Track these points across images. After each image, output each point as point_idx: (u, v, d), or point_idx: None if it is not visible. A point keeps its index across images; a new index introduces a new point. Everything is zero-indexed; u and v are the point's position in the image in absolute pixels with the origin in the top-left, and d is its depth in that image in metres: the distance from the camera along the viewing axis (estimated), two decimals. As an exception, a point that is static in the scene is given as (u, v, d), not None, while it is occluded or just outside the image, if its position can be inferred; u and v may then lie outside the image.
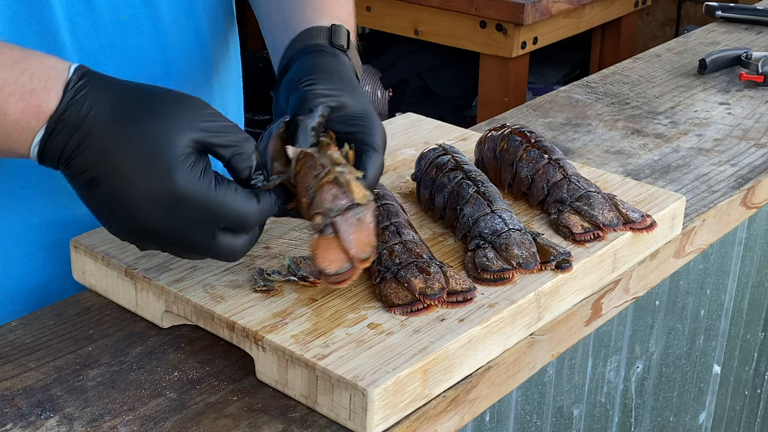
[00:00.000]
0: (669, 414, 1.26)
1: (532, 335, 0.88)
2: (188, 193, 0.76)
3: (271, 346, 0.79)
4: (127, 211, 0.78)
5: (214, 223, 0.78)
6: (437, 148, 1.03)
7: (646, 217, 0.98)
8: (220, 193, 0.77)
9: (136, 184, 0.76)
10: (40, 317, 0.89)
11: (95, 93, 0.77)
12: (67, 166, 0.78)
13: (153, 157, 0.76)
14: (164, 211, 0.77)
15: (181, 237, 0.79)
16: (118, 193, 0.77)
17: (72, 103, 0.76)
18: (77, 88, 0.77)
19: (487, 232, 0.91)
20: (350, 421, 0.76)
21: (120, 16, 0.98)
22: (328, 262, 0.80)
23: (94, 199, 0.79)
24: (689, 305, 1.21)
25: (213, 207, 0.77)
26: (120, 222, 0.79)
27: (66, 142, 0.76)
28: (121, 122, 0.77)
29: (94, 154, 0.76)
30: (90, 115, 0.76)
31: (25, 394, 0.79)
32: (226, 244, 0.80)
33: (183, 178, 0.76)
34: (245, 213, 0.79)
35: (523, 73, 2.83)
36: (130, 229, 0.79)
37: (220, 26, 1.12)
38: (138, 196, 0.77)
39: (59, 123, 0.76)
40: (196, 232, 0.78)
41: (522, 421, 0.98)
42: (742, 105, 1.42)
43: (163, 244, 0.81)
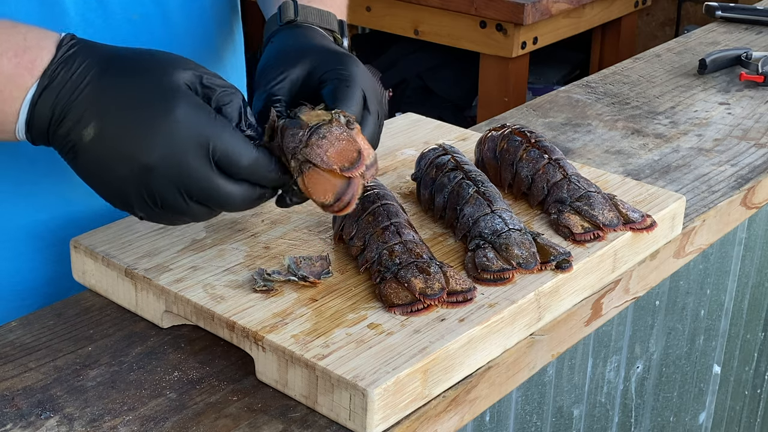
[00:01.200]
0: (669, 414, 1.26)
1: (532, 335, 0.88)
2: (185, 117, 0.76)
3: (271, 346, 0.79)
4: (127, 150, 0.76)
5: (208, 152, 0.77)
6: (437, 148, 1.03)
7: (646, 217, 0.98)
8: (219, 123, 0.77)
9: (132, 120, 0.76)
10: (40, 317, 0.89)
11: (87, 49, 0.79)
12: (58, 125, 0.77)
13: (149, 92, 0.76)
14: (160, 140, 0.76)
15: (176, 171, 0.77)
16: (114, 135, 0.76)
17: (64, 60, 0.77)
18: (69, 45, 0.78)
19: (487, 232, 0.91)
20: (350, 421, 0.76)
21: (132, 16, 0.99)
22: (322, 193, 0.79)
23: (89, 152, 0.77)
24: (689, 305, 1.21)
25: (208, 134, 0.77)
26: (116, 172, 0.77)
27: (56, 98, 0.76)
28: (114, 70, 0.78)
29: (91, 99, 0.76)
30: (82, 67, 0.77)
31: (25, 394, 0.79)
32: (224, 187, 0.79)
33: (181, 103, 0.76)
34: (239, 150, 0.78)
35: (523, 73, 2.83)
36: (127, 177, 0.77)
37: (226, 23, 1.13)
38: (135, 129, 0.76)
39: (52, 77, 0.77)
40: (192, 164, 0.77)
41: (522, 421, 0.98)
42: (742, 105, 1.42)
43: (159, 189, 0.78)
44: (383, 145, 1.16)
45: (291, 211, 0.99)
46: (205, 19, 1.07)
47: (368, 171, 0.80)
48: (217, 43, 1.10)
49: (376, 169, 0.81)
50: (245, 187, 0.80)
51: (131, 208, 0.81)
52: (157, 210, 0.80)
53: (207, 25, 1.08)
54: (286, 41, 0.92)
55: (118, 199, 0.80)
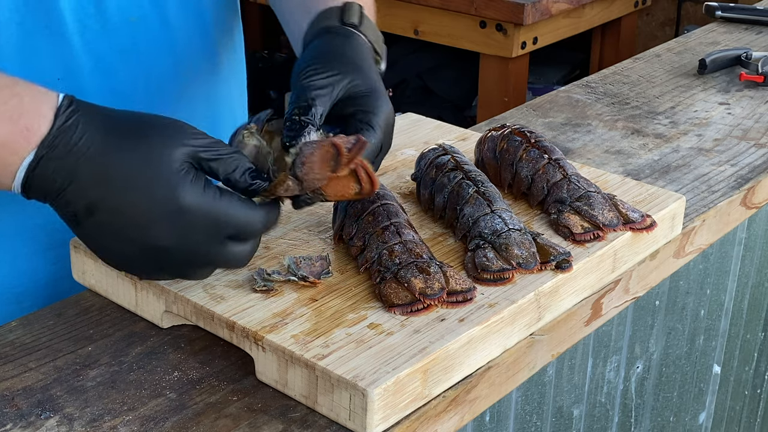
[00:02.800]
0: (669, 414, 1.26)
1: (532, 335, 0.88)
2: (194, 205, 0.76)
3: (271, 346, 0.79)
4: (131, 232, 0.77)
5: (220, 232, 0.78)
6: (437, 148, 1.03)
7: (646, 217, 0.98)
8: (225, 202, 0.78)
9: (140, 203, 0.76)
10: (40, 317, 0.89)
11: (86, 118, 0.76)
12: (59, 194, 0.76)
13: (154, 174, 0.76)
14: (170, 226, 0.77)
15: (187, 250, 0.79)
16: (121, 215, 0.76)
17: (64, 128, 0.75)
18: (69, 113, 0.76)
19: (487, 232, 0.91)
20: (350, 421, 0.76)
21: (130, 18, 0.99)
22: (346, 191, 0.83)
23: (93, 225, 0.78)
24: (689, 305, 1.21)
25: (219, 216, 0.77)
26: (122, 246, 0.79)
27: (57, 168, 0.75)
28: (116, 145, 0.76)
29: (92, 178, 0.75)
30: (83, 140, 0.75)
31: (25, 394, 0.79)
32: (234, 251, 0.80)
33: (187, 190, 0.76)
34: (251, 220, 0.79)
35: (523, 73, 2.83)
36: (133, 252, 0.79)
37: (225, 23, 1.12)
38: (143, 214, 0.76)
39: (51, 148, 0.75)
40: (203, 244, 0.78)
41: (522, 421, 0.98)
42: (742, 105, 1.42)
43: (167, 264, 0.80)
44: (383, 145, 1.16)
45: (291, 211, 0.99)
46: (203, 21, 1.07)
47: (357, 149, 0.81)
48: (216, 44, 1.10)
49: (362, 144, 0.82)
50: (255, 240, 0.83)
51: (132, 273, 0.84)
52: (162, 276, 0.84)
53: (206, 27, 1.07)
54: (343, 46, 0.90)
55: (119, 267, 0.83)
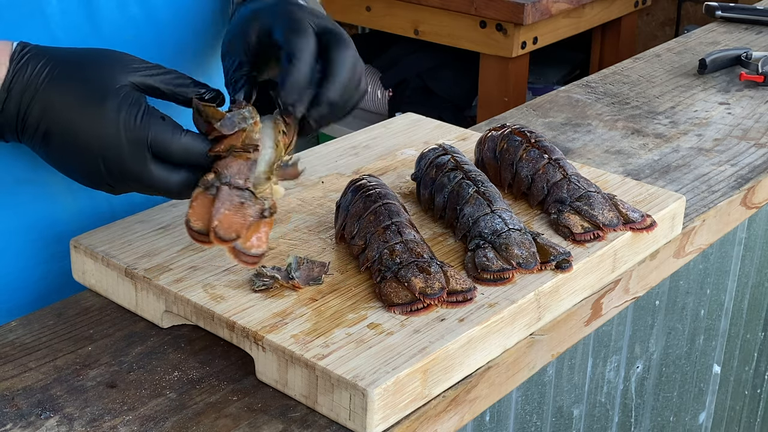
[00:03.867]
0: (669, 414, 1.26)
1: (532, 335, 0.88)
2: (115, 115, 0.81)
3: (271, 346, 0.79)
4: (76, 147, 0.82)
5: (140, 146, 0.82)
6: (437, 148, 1.03)
7: (646, 217, 0.98)
8: (149, 115, 0.82)
9: (78, 122, 0.82)
10: (40, 317, 0.89)
11: (37, 57, 0.83)
12: (23, 130, 0.83)
13: (88, 94, 0.82)
14: (102, 138, 0.81)
15: (119, 164, 0.82)
16: (66, 135, 0.82)
17: (18, 69, 0.82)
18: (20, 56, 0.83)
19: (487, 232, 0.91)
20: (350, 421, 0.76)
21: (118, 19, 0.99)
22: (196, 216, 0.82)
23: (53, 152, 0.84)
24: (689, 305, 1.21)
25: (141, 127, 0.82)
26: (77, 164, 0.83)
27: (18, 105, 0.82)
28: (61, 74, 0.83)
29: (42, 107, 0.82)
30: (33, 75, 0.82)
31: (25, 394, 0.79)
32: (159, 175, 0.83)
33: (111, 103, 0.81)
34: (168, 137, 0.82)
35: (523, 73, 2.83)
36: (85, 170, 0.83)
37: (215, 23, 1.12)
38: (80, 131, 0.82)
39: (9, 91, 0.82)
40: (129, 157, 0.82)
41: (522, 421, 0.98)
42: (742, 105, 1.42)
43: (114, 177, 0.83)
44: (383, 144, 1.17)
45: (291, 210, 0.99)
46: (192, 20, 1.06)
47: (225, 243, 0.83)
48: (205, 43, 1.10)
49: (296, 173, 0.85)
50: (183, 173, 0.84)
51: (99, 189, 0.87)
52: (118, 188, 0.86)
53: (195, 26, 1.07)
54: (242, 11, 0.94)
55: (87, 183, 0.86)
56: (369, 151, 1.15)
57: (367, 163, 1.12)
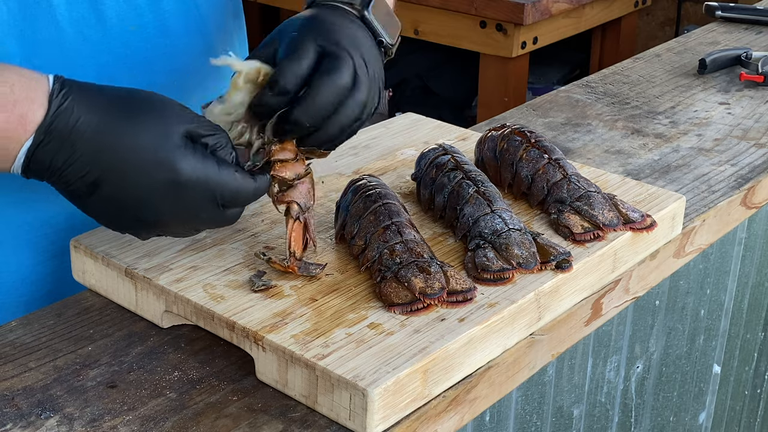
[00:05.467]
0: (669, 414, 1.26)
1: (532, 335, 0.88)
2: (194, 176, 0.79)
3: (271, 346, 0.79)
4: (134, 205, 0.80)
5: (216, 200, 0.81)
6: (437, 148, 1.03)
7: (646, 217, 0.98)
8: (224, 173, 0.81)
9: (141, 178, 0.78)
10: (40, 317, 0.89)
11: (81, 100, 0.78)
12: (60, 174, 0.79)
13: (154, 149, 0.78)
14: (171, 199, 0.79)
15: (186, 218, 0.82)
16: (122, 190, 0.79)
17: (59, 113, 0.77)
18: (62, 97, 0.77)
19: (487, 232, 0.91)
20: (350, 421, 0.76)
21: (130, 27, 0.99)
22: (299, 246, 0.88)
23: (97, 201, 0.80)
24: (689, 305, 1.21)
25: (217, 186, 0.80)
26: (126, 218, 0.82)
27: (57, 151, 0.77)
28: (114, 124, 0.78)
29: (92, 158, 0.77)
30: (80, 122, 0.77)
31: (25, 394, 0.79)
32: (226, 216, 0.84)
33: (187, 163, 0.79)
34: (245, 190, 0.82)
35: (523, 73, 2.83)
36: (137, 223, 0.82)
37: (227, 28, 1.12)
38: (144, 189, 0.79)
39: (48, 133, 0.77)
40: (202, 212, 0.81)
41: (522, 421, 0.98)
42: (742, 105, 1.42)
43: (167, 229, 0.84)
44: (383, 144, 1.16)
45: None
46: (204, 27, 1.06)
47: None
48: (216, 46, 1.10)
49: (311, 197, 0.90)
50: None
51: (137, 236, 0.86)
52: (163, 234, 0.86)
53: (206, 33, 1.07)
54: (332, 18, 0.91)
55: (125, 232, 0.85)
56: (369, 151, 1.15)
57: (367, 163, 1.12)
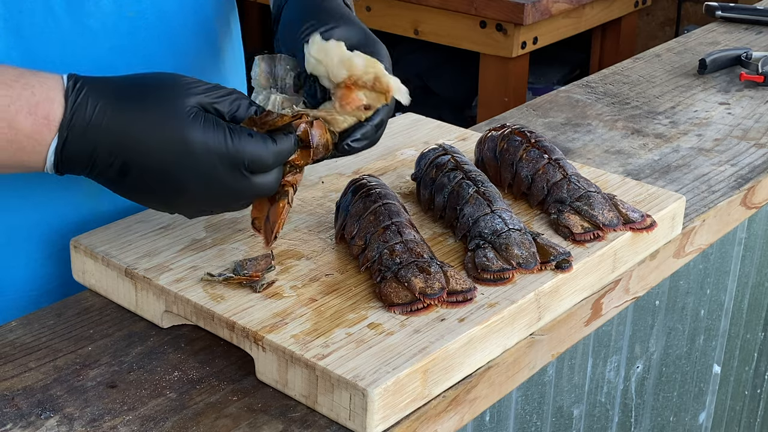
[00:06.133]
0: (669, 414, 1.26)
1: (532, 335, 0.88)
2: (206, 146, 0.80)
3: (271, 346, 0.79)
4: (165, 182, 0.81)
5: (238, 167, 0.81)
6: (437, 148, 1.03)
7: (646, 217, 0.98)
8: (236, 139, 0.81)
9: (161, 156, 0.80)
10: (40, 317, 0.89)
11: (94, 92, 0.81)
12: (92, 166, 0.81)
13: (167, 127, 0.80)
14: (193, 170, 0.80)
15: (215, 189, 0.82)
16: (149, 170, 0.81)
17: (77, 108, 0.80)
18: (76, 92, 0.80)
19: (487, 232, 0.91)
20: (350, 421, 0.76)
21: (128, 13, 0.99)
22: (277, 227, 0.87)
23: (131, 184, 0.82)
24: (689, 305, 1.21)
25: (231, 152, 0.81)
26: (165, 197, 0.83)
27: (81, 145, 0.80)
28: (128, 109, 0.80)
29: (115, 144, 0.80)
30: (96, 112, 0.80)
31: (25, 394, 0.79)
32: (258, 183, 0.83)
33: (196, 133, 0.80)
34: (263, 154, 0.82)
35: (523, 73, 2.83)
36: (177, 201, 0.83)
37: (224, 17, 1.12)
38: (167, 165, 0.80)
39: (71, 129, 0.79)
40: (227, 181, 0.82)
41: (522, 421, 0.98)
42: (742, 105, 1.42)
43: (204, 203, 0.84)
44: (383, 144, 1.16)
45: (291, 211, 0.99)
46: (202, 13, 1.06)
47: None
48: (215, 38, 1.10)
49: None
50: (275, 171, 0.85)
51: (182, 214, 0.87)
52: (209, 212, 0.87)
53: (205, 20, 1.07)
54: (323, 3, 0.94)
55: (169, 212, 0.87)
56: (369, 151, 1.14)
57: (367, 163, 1.12)
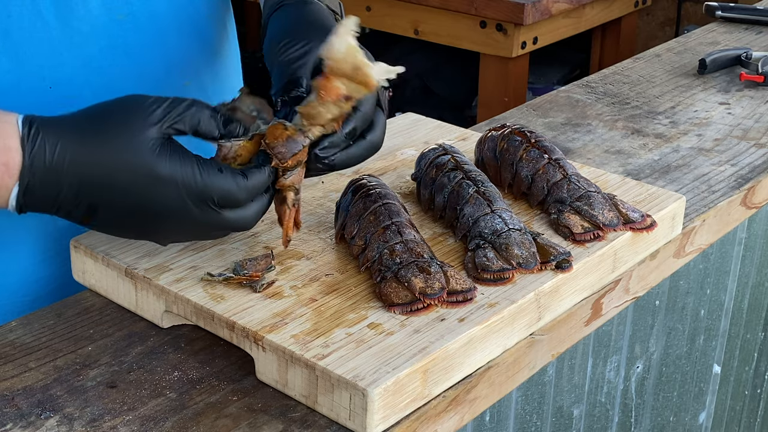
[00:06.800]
0: (669, 414, 1.26)
1: (532, 335, 0.88)
2: (173, 181, 0.79)
3: (271, 346, 0.79)
4: (135, 219, 0.81)
5: (207, 202, 0.80)
6: (437, 148, 1.03)
7: (646, 217, 0.98)
8: (204, 175, 0.80)
9: (127, 193, 0.79)
10: (40, 317, 0.89)
11: (52, 135, 0.79)
12: (58, 208, 0.81)
13: (130, 162, 0.78)
14: (163, 205, 0.79)
15: (188, 223, 0.81)
16: (117, 208, 0.80)
17: (35, 153, 0.78)
18: (32, 137, 0.78)
19: (487, 232, 0.91)
20: (350, 421, 0.76)
21: (118, 16, 0.98)
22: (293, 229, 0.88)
23: (101, 222, 0.82)
24: (689, 305, 1.21)
25: (200, 188, 0.80)
26: (136, 231, 0.84)
27: (44, 190, 0.79)
28: (89, 146, 0.79)
29: (78, 186, 0.79)
30: (57, 155, 0.78)
31: (25, 394, 0.79)
32: (231, 218, 0.82)
33: (163, 168, 0.78)
34: (232, 190, 0.81)
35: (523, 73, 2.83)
36: (149, 233, 0.83)
37: (219, 18, 1.11)
38: (135, 201, 0.79)
39: (32, 174, 0.78)
40: (199, 215, 0.81)
41: (522, 421, 0.98)
42: (742, 105, 1.42)
43: (177, 235, 0.84)
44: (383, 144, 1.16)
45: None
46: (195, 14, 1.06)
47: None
48: (210, 38, 1.09)
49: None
50: (253, 207, 0.83)
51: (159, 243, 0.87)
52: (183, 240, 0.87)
53: (198, 20, 1.06)
54: (299, 14, 0.94)
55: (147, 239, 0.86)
56: (369, 151, 1.15)
57: (367, 163, 1.12)
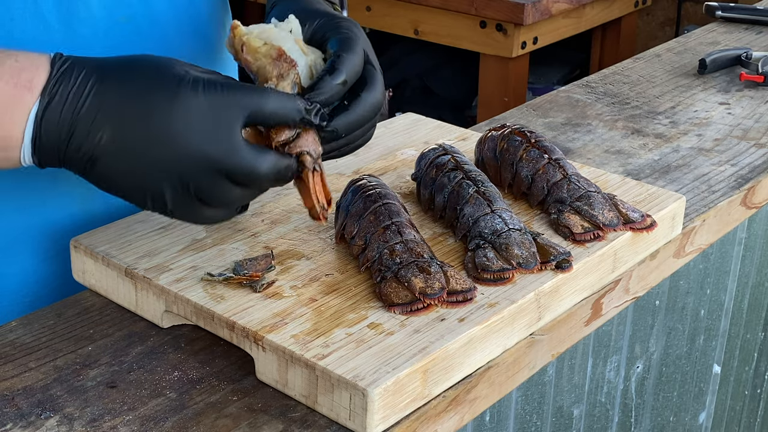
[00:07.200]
0: (669, 414, 1.26)
1: (532, 335, 0.88)
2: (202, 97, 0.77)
3: (271, 346, 0.79)
4: (152, 143, 0.77)
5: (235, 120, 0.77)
6: (437, 148, 1.03)
7: (646, 217, 0.98)
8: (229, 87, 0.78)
9: (152, 111, 0.76)
10: (40, 317, 0.89)
11: (81, 61, 0.78)
12: (69, 138, 0.77)
13: (158, 81, 0.77)
14: (186, 125, 0.76)
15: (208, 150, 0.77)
16: (136, 130, 0.76)
17: (61, 72, 0.77)
18: (63, 61, 0.78)
19: (487, 232, 0.91)
20: (350, 421, 0.76)
21: (118, 18, 0.98)
22: (326, 195, 0.85)
23: (110, 153, 0.77)
24: (689, 305, 1.21)
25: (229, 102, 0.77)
26: (145, 165, 0.77)
27: (62, 110, 0.76)
28: (114, 70, 0.78)
29: (98, 106, 0.76)
30: (82, 76, 0.77)
31: (25, 394, 0.79)
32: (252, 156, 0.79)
33: (192, 86, 0.77)
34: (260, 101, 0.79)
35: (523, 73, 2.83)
36: (155, 169, 0.77)
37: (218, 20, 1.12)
38: (159, 121, 0.76)
39: (52, 94, 0.76)
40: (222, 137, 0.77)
41: (522, 421, 0.98)
42: (742, 105, 1.42)
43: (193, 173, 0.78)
44: (383, 144, 1.17)
45: (291, 211, 0.99)
46: (196, 16, 1.06)
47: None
48: (210, 40, 1.10)
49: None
50: (274, 157, 0.80)
51: (163, 206, 0.80)
52: (189, 201, 0.80)
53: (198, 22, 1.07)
54: (289, 6, 0.94)
55: (147, 198, 0.80)
56: (369, 151, 1.15)
57: (367, 163, 1.12)
